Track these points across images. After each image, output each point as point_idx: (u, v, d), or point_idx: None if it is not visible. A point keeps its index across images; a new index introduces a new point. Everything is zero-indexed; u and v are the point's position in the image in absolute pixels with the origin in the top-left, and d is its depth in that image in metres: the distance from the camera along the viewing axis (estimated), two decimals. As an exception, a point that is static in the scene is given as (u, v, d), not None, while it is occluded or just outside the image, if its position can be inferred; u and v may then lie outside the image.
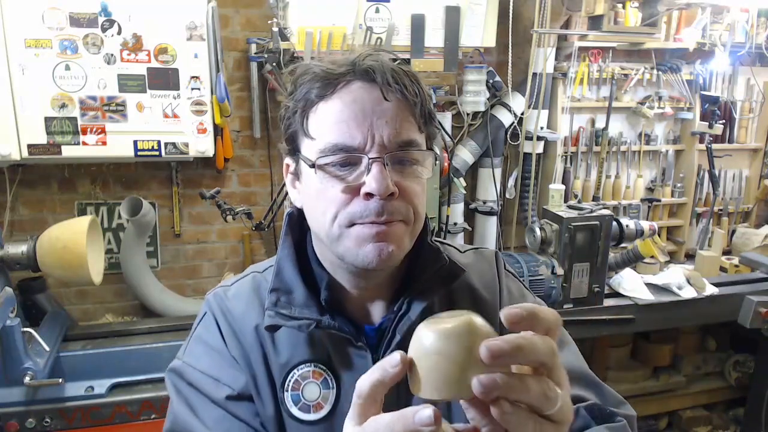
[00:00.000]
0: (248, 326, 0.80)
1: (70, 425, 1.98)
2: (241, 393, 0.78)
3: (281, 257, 0.81)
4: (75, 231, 2.04)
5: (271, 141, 2.82)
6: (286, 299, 0.78)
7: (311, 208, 0.76)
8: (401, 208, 0.72)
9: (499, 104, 2.92)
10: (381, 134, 0.70)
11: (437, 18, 2.57)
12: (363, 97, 0.71)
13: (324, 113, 0.72)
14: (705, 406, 3.05)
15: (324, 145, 0.72)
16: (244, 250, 2.91)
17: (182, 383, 0.80)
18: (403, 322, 0.76)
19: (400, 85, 0.72)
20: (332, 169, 0.72)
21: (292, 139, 0.77)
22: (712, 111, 3.06)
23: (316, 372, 0.78)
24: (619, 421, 0.74)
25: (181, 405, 0.79)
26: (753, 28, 3.10)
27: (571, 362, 0.82)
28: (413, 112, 0.73)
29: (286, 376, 0.78)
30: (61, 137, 2.27)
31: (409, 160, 0.73)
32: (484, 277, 0.89)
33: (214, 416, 0.77)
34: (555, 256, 2.27)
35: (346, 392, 0.77)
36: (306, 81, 0.74)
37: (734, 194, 3.50)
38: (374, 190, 0.69)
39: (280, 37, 2.41)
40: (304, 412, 0.77)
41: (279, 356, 0.78)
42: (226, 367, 0.79)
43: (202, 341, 0.83)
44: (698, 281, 2.48)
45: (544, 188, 2.98)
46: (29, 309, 2.27)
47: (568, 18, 2.86)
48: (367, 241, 0.71)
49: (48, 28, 2.18)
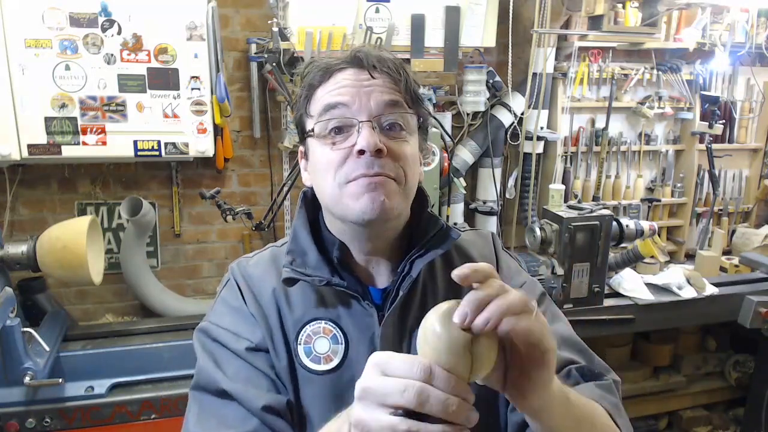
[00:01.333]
0: (266, 288, 0.89)
1: (70, 425, 1.98)
2: (258, 345, 0.85)
3: (296, 225, 0.91)
4: (75, 231, 2.04)
5: (271, 141, 2.82)
6: (300, 260, 0.87)
7: (317, 178, 0.86)
8: (389, 165, 0.80)
9: (499, 104, 2.92)
10: (369, 102, 0.81)
11: (437, 18, 2.57)
12: (354, 78, 0.83)
13: (321, 93, 0.84)
14: (705, 406, 3.05)
15: (320, 109, 0.83)
16: (244, 250, 2.91)
17: (208, 340, 0.88)
18: (406, 281, 0.84)
19: (385, 67, 0.83)
20: (328, 135, 0.82)
21: (300, 123, 0.88)
22: (712, 111, 3.06)
23: (326, 328, 0.86)
24: (606, 380, 0.84)
25: (206, 360, 0.86)
26: (753, 28, 3.10)
27: (563, 331, 0.91)
28: (399, 89, 0.84)
29: (299, 331, 0.86)
30: (61, 137, 2.27)
31: (396, 126, 0.83)
32: (482, 251, 0.97)
33: (236, 366, 0.84)
34: (555, 256, 2.27)
35: (354, 346, 0.85)
36: (310, 72, 0.86)
37: (734, 194, 3.50)
38: (364, 146, 0.78)
39: (280, 37, 2.41)
40: (316, 363, 0.85)
41: (293, 313, 0.87)
42: (245, 324, 0.87)
43: (224, 302, 0.91)
44: (698, 281, 2.48)
45: (544, 188, 2.98)
46: (29, 309, 2.27)
47: (568, 18, 2.86)
48: (361, 194, 0.79)
49: (48, 28, 2.18)
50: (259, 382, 0.83)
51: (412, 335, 0.85)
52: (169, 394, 2.06)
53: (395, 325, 0.85)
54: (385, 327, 0.84)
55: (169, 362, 2.12)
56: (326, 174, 0.82)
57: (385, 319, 0.84)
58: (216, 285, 2.88)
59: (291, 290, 0.87)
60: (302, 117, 0.87)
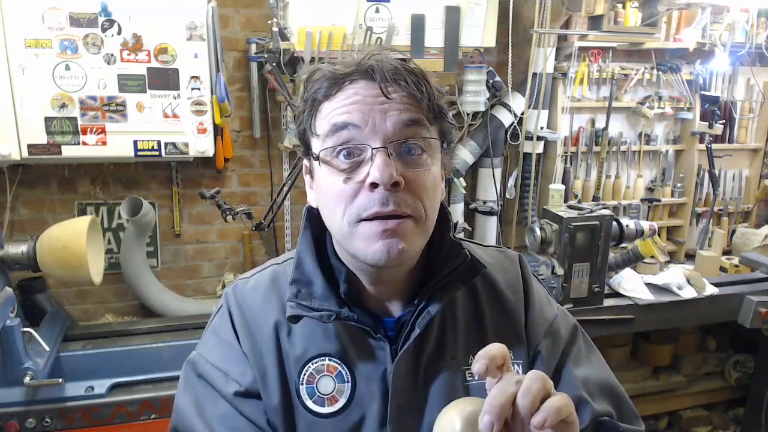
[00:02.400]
0: (265, 320, 0.81)
1: (70, 425, 1.97)
2: (248, 389, 0.78)
3: (301, 250, 0.82)
4: (75, 231, 2.04)
5: (271, 141, 2.82)
6: (306, 291, 0.79)
7: (324, 207, 0.77)
8: (407, 200, 0.71)
9: (499, 104, 2.92)
10: (384, 125, 0.70)
11: (437, 18, 2.57)
12: (365, 94, 0.72)
13: (327, 110, 0.73)
14: (705, 406, 3.05)
15: (326, 128, 0.72)
16: (244, 250, 2.91)
17: (193, 374, 0.82)
18: (423, 316, 0.77)
19: (401, 82, 0.71)
20: (336, 161, 0.72)
21: (304, 138, 0.79)
22: (712, 111, 3.06)
23: (331, 365, 0.78)
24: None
25: (187, 402, 0.80)
26: (753, 28, 3.09)
27: (597, 374, 0.85)
28: (419, 107, 0.73)
29: (301, 370, 0.78)
30: (61, 137, 2.27)
31: (416, 150, 0.72)
32: (508, 276, 0.88)
33: (220, 412, 0.78)
34: (555, 256, 2.27)
35: (362, 384, 0.78)
36: (315, 81, 0.75)
37: (734, 194, 3.49)
38: (377, 179, 0.69)
39: (280, 37, 2.41)
40: (319, 405, 0.78)
41: (294, 349, 0.79)
42: (235, 362, 0.80)
43: (215, 333, 0.84)
44: (698, 281, 2.48)
45: (544, 188, 2.98)
46: (29, 309, 2.27)
47: (568, 18, 2.85)
48: (375, 239, 0.71)
49: (48, 28, 2.18)
50: None
51: (426, 372, 0.79)
52: (169, 394, 2.06)
53: (409, 361, 0.78)
54: (398, 363, 0.77)
55: (169, 362, 2.11)
56: (335, 207, 0.73)
57: (399, 355, 0.77)
58: (216, 285, 2.91)
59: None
60: (306, 133, 0.78)
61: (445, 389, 0.78)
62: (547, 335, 0.85)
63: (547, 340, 0.85)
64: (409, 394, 0.77)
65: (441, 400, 0.76)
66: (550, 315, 0.88)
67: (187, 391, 0.81)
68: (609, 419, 0.81)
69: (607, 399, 0.84)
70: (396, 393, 0.76)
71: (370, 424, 0.76)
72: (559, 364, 0.84)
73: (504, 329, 0.84)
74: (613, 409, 0.83)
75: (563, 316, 0.90)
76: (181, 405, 0.81)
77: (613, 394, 0.85)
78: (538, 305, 0.88)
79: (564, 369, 0.84)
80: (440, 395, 0.78)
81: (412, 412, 0.77)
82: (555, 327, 0.87)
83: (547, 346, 0.85)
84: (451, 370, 0.79)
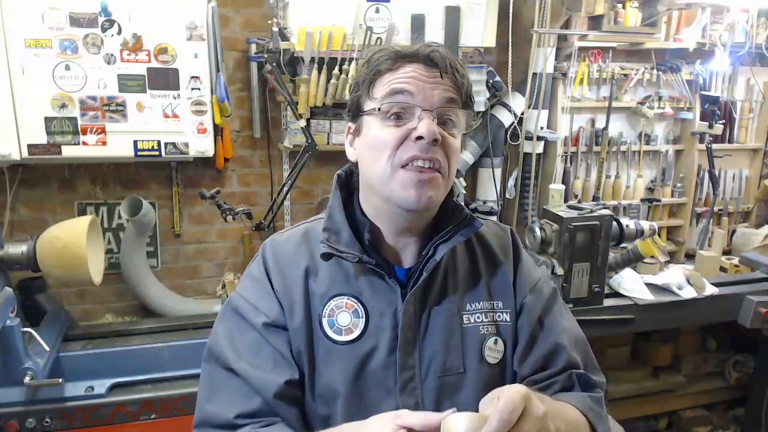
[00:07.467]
0: (296, 264, 0.96)
1: (70, 425, 1.98)
2: (275, 321, 0.93)
3: (332, 205, 0.98)
4: (75, 231, 2.03)
5: (271, 141, 2.82)
6: (335, 238, 0.94)
7: (367, 155, 0.92)
8: (441, 154, 0.88)
9: (499, 104, 2.92)
10: (432, 96, 0.88)
11: (437, 18, 2.57)
12: (422, 72, 0.89)
13: (388, 79, 0.90)
14: (705, 406, 3.05)
15: (386, 90, 0.89)
16: (244, 250, 2.91)
17: (228, 308, 0.97)
18: (429, 263, 0.93)
19: (452, 71, 0.90)
20: (390, 118, 0.89)
21: (357, 103, 0.94)
22: (712, 111, 3.06)
23: (348, 303, 0.94)
24: (597, 392, 0.97)
25: (222, 332, 0.95)
26: (753, 28, 3.10)
27: (571, 329, 1.03)
28: (459, 92, 0.91)
29: (324, 305, 0.94)
30: (61, 137, 2.27)
31: (450, 122, 0.90)
32: (501, 242, 1.06)
33: (249, 340, 0.93)
34: (555, 256, 2.27)
35: (375, 320, 0.93)
36: (379, 57, 0.92)
37: (734, 194, 3.50)
38: (423, 133, 0.86)
39: (280, 37, 2.41)
40: (337, 334, 0.93)
41: (319, 288, 0.95)
42: (265, 298, 0.95)
43: (250, 275, 0.99)
44: (698, 281, 2.48)
45: (544, 188, 2.98)
46: (29, 309, 2.26)
47: (568, 18, 2.86)
48: (410, 186, 0.87)
49: (48, 28, 2.18)
50: (266, 364, 0.90)
51: (431, 311, 0.94)
52: (169, 394, 2.06)
53: (416, 302, 0.93)
54: (407, 303, 0.92)
55: (169, 362, 2.12)
56: (381, 153, 0.88)
57: (408, 296, 0.92)
58: (216, 285, 2.91)
59: (320, 268, 0.95)
60: (360, 98, 0.93)
61: (444, 327, 0.95)
62: (531, 292, 1.02)
63: (531, 296, 1.02)
64: (414, 329, 0.93)
65: (440, 336, 0.94)
66: (535, 276, 1.05)
67: (223, 321, 0.97)
68: (583, 372, 0.98)
69: (576, 350, 1.00)
70: (404, 328, 0.92)
71: (381, 351, 0.92)
72: (541, 316, 1.01)
73: (496, 283, 1.01)
74: (581, 360, 1.00)
75: (546, 280, 1.07)
76: (216, 330, 0.96)
77: (582, 347, 1.03)
78: (525, 267, 1.05)
79: (545, 319, 1.01)
80: (439, 332, 0.94)
81: (414, 344, 0.93)
82: (539, 286, 1.04)
83: (532, 300, 1.01)
84: (450, 313, 0.96)
